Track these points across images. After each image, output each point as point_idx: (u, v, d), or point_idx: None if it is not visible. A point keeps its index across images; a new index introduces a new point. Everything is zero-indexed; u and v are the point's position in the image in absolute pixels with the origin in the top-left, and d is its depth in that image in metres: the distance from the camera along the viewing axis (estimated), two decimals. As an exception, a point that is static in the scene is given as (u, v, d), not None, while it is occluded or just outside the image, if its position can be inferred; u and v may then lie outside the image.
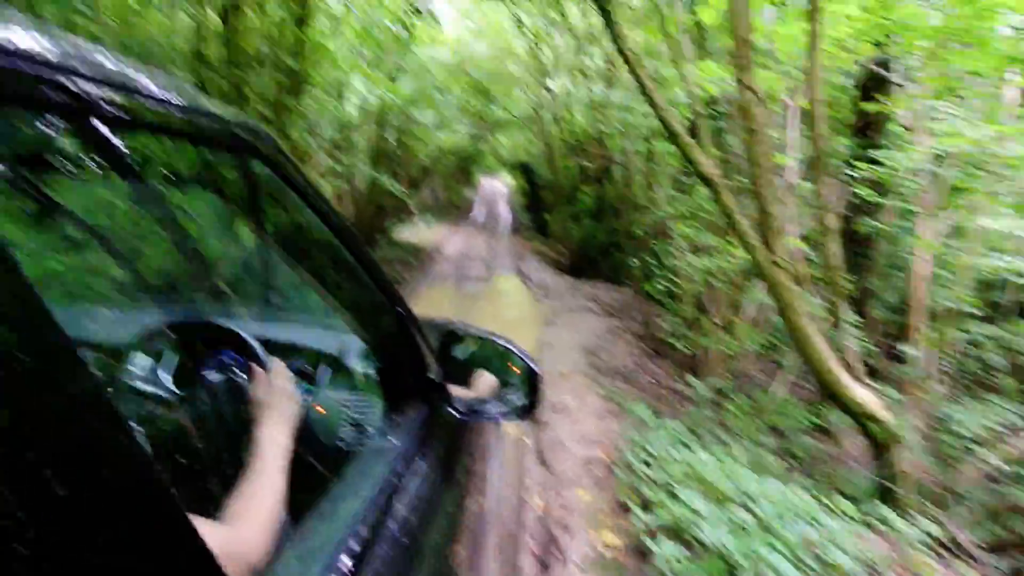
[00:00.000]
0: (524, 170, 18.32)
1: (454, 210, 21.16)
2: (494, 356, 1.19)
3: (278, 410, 0.86)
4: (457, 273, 11.16)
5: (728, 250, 3.69)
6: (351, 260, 0.77)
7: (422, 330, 0.99)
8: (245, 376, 1.00)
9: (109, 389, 1.01)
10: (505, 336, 1.17)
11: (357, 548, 0.64)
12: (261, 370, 0.96)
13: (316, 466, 1.01)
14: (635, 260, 9.86)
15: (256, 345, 1.04)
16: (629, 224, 10.97)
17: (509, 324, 7.48)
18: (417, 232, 15.16)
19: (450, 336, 1.14)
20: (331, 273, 0.79)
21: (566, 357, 5.47)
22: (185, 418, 0.99)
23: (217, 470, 0.94)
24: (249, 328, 1.09)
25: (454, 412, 1.06)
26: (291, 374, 0.97)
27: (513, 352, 1.15)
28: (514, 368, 1.16)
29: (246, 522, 0.67)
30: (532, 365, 1.11)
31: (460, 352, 1.16)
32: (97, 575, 0.30)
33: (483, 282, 10.73)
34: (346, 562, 0.62)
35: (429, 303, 8.84)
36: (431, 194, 19.91)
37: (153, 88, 0.43)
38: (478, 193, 26.66)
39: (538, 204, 17.49)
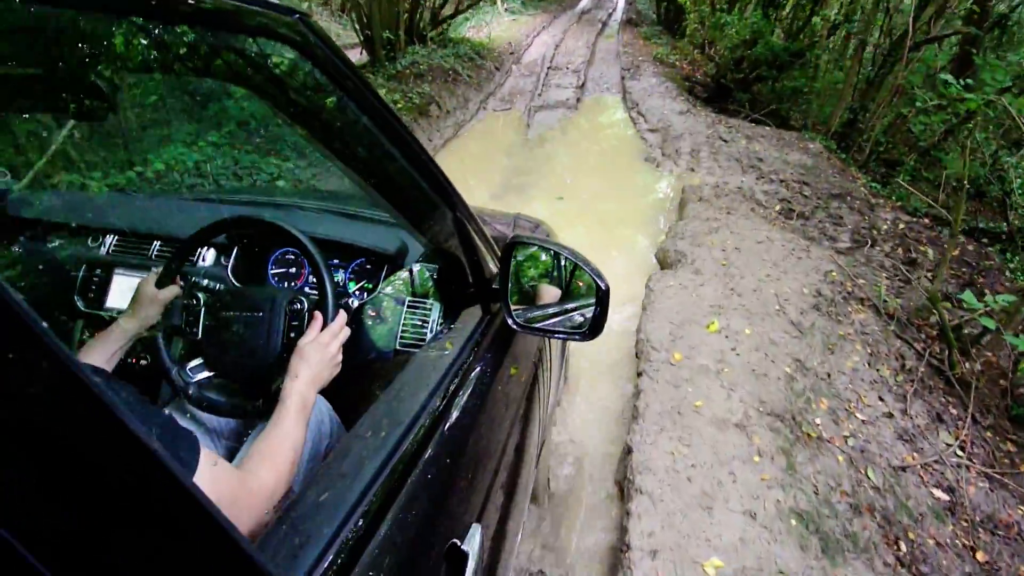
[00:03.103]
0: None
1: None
2: (561, 268, 1.19)
3: (315, 371, 0.85)
4: (532, 95, 7.41)
5: None
6: (405, 161, 0.76)
7: (484, 235, 1.02)
8: (300, 285, 1.12)
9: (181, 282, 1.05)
10: (571, 248, 1.02)
11: (409, 454, 0.66)
12: (320, 321, 0.91)
13: (370, 371, 1.04)
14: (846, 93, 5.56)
15: (319, 259, 0.96)
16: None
17: (585, 234, 4.13)
18: (493, 26, 10.96)
19: (515, 244, 1.03)
20: (385, 173, 0.76)
21: (726, 424, 2.04)
22: (236, 317, 0.97)
23: (249, 377, 0.93)
24: (305, 225, 1.13)
25: (511, 322, 0.99)
26: (347, 331, 0.93)
27: (581, 266, 1.03)
28: (580, 283, 1.13)
29: (261, 467, 0.70)
30: (600, 282, 0.99)
31: (525, 261, 1.15)
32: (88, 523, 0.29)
33: (569, 111, 6.98)
34: (398, 467, 0.63)
35: (466, 152, 5.50)
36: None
37: None
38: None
39: (671, -16, 12.06)
